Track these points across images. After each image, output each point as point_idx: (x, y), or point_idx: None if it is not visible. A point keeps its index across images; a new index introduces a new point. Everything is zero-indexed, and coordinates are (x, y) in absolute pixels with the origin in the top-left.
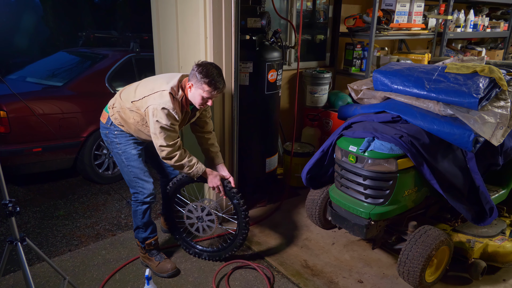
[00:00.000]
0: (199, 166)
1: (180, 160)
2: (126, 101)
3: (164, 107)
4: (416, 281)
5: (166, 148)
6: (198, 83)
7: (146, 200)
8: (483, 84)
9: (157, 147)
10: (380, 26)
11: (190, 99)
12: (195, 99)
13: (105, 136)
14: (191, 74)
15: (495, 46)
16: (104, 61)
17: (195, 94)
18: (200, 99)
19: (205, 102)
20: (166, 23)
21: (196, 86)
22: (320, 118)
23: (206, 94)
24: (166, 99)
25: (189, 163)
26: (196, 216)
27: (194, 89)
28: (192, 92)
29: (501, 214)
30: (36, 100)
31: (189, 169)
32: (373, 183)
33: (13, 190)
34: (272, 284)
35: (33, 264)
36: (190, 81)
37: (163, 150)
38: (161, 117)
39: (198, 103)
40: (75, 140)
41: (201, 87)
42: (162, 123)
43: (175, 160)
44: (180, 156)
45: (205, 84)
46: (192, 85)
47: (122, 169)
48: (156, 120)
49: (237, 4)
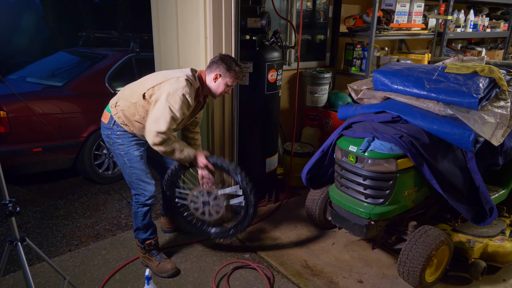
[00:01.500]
0: (190, 150)
1: (171, 144)
2: (132, 96)
3: (182, 92)
4: (416, 281)
5: (163, 135)
6: (227, 72)
7: (147, 202)
8: (483, 84)
9: (153, 132)
10: (380, 26)
11: (212, 88)
12: (218, 88)
13: (106, 137)
14: (215, 65)
15: (495, 46)
16: (104, 61)
17: (221, 83)
18: (224, 87)
19: (225, 91)
20: (166, 23)
21: (225, 75)
22: (320, 118)
23: (232, 82)
24: (183, 84)
25: (180, 148)
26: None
27: (221, 79)
28: (217, 82)
29: (501, 214)
30: (36, 100)
31: (180, 154)
32: (373, 183)
33: (13, 190)
34: (272, 284)
35: (33, 264)
36: (215, 72)
37: (158, 136)
38: (175, 102)
39: (220, 92)
40: (75, 140)
41: (230, 75)
42: (174, 108)
43: (168, 146)
44: (172, 141)
45: (235, 72)
46: (220, 75)
47: (124, 171)
48: (169, 105)
49: (237, 4)
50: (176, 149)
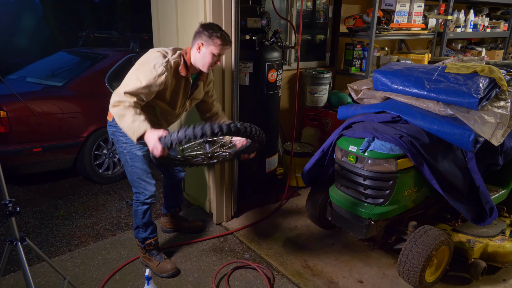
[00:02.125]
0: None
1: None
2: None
3: (152, 62)
4: (416, 281)
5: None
6: (209, 39)
7: (147, 201)
8: (483, 84)
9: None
10: (380, 26)
11: (198, 61)
12: (205, 59)
13: (111, 135)
14: (197, 35)
15: (495, 46)
16: (104, 61)
17: (205, 53)
18: (210, 57)
19: (215, 61)
20: (166, 23)
21: (207, 43)
22: (320, 118)
23: (217, 50)
24: (156, 54)
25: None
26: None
27: (204, 48)
28: (202, 52)
29: (501, 214)
30: (36, 100)
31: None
32: (373, 183)
33: (13, 190)
34: (272, 284)
35: (33, 264)
36: (198, 41)
37: (115, 96)
38: (143, 69)
39: (208, 63)
40: (75, 140)
41: (213, 42)
42: (140, 73)
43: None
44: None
45: (217, 38)
46: (202, 44)
47: (126, 169)
48: (135, 69)
49: (237, 4)
50: (127, 114)
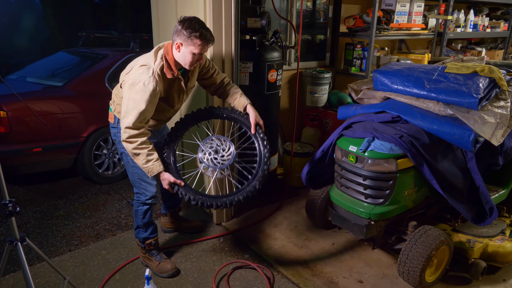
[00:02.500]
0: (156, 164)
1: (140, 148)
2: (119, 90)
3: (138, 80)
4: (416, 281)
5: (130, 130)
6: (188, 39)
7: (147, 201)
8: (483, 84)
9: (122, 128)
10: (380, 26)
11: (179, 60)
12: (185, 59)
13: (114, 136)
14: (176, 33)
15: (495, 46)
16: (104, 61)
17: (185, 52)
18: (190, 57)
19: (195, 60)
20: (166, 23)
21: (186, 43)
22: (320, 118)
23: (197, 50)
24: (139, 71)
25: (147, 156)
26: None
27: (184, 48)
28: (181, 52)
29: (501, 214)
30: (36, 100)
31: (145, 162)
32: (373, 183)
33: (13, 190)
34: (272, 284)
35: (33, 264)
36: (176, 41)
37: (125, 132)
38: (135, 92)
39: (189, 62)
40: (75, 140)
41: (192, 42)
42: (135, 98)
43: (134, 147)
44: (142, 143)
45: (197, 38)
46: (181, 44)
47: (128, 169)
48: (129, 96)
49: (237, 4)
50: (140, 154)
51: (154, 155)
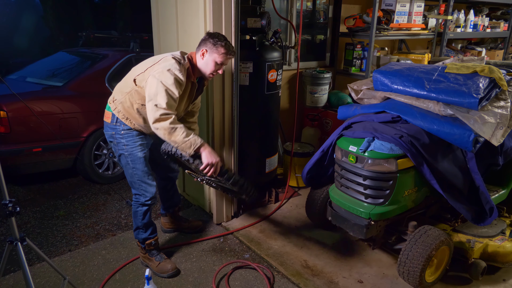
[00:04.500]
0: (196, 137)
1: (175, 123)
2: (125, 86)
3: (170, 68)
4: (416, 281)
5: (163, 109)
6: (213, 47)
7: (147, 202)
8: (483, 84)
9: (152, 107)
10: (380, 26)
11: (201, 67)
12: (207, 66)
13: (110, 137)
14: (203, 41)
15: (495, 46)
16: (104, 61)
17: (209, 60)
18: (213, 65)
19: (217, 69)
20: (166, 23)
21: (211, 50)
22: (320, 118)
23: (220, 58)
24: (172, 61)
25: (185, 129)
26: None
27: (208, 55)
28: (205, 59)
29: (501, 214)
30: (36, 100)
31: (185, 136)
32: (373, 183)
33: (13, 190)
34: (272, 284)
35: (33, 264)
36: (202, 48)
37: (158, 110)
38: (166, 77)
39: (210, 71)
40: (75, 140)
41: (217, 50)
42: (167, 83)
43: (170, 121)
44: (175, 120)
45: (222, 47)
46: (206, 51)
47: (127, 171)
48: (161, 80)
49: (237, 4)
50: (178, 128)
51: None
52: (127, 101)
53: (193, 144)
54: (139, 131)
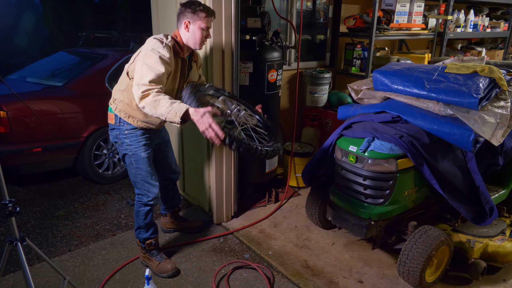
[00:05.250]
0: (181, 104)
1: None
2: (121, 84)
3: (152, 48)
4: (416, 281)
5: (145, 86)
6: (194, 15)
7: (149, 203)
8: (483, 84)
9: (135, 87)
10: (380, 26)
11: (188, 40)
12: (195, 36)
13: (115, 138)
14: (181, 14)
15: (495, 46)
16: (104, 61)
17: (194, 30)
18: (200, 33)
19: (205, 36)
20: (166, 23)
21: (193, 19)
22: (320, 118)
23: (204, 23)
24: (153, 41)
25: (170, 99)
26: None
27: (192, 25)
28: (190, 30)
29: (501, 214)
30: (36, 100)
31: (169, 105)
32: (373, 183)
33: (13, 190)
34: (272, 284)
35: (33, 264)
36: (183, 20)
37: (140, 88)
38: (149, 57)
39: (199, 39)
40: (75, 140)
41: (198, 16)
42: (150, 62)
43: (153, 95)
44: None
45: (201, 11)
46: (189, 22)
47: (130, 171)
48: (144, 62)
49: (237, 4)
50: (162, 99)
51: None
52: (125, 98)
53: (177, 112)
54: (143, 129)
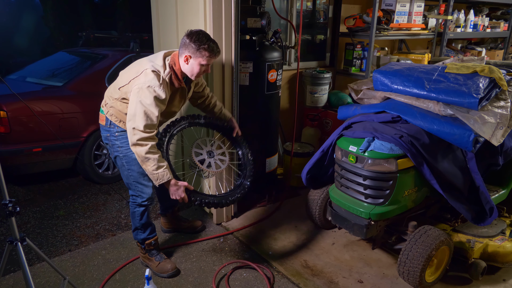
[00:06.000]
0: (166, 172)
1: (151, 152)
2: (114, 91)
3: (149, 85)
4: (416, 281)
5: (141, 132)
6: (197, 52)
7: (143, 203)
8: (483, 84)
9: (130, 130)
10: (380, 26)
11: (186, 71)
12: (193, 70)
13: (106, 139)
14: (184, 45)
15: (495, 46)
16: (104, 61)
17: (194, 64)
18: (198, 68)
19: (203, 71)
20: (166, 23)
21: (195, 55)
22: (320, 118)
23: (205, 61)
24: (150, 77)
25: (158, 162)
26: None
27: (192, 60)
28: (190, 64)
29: (501, 214)
30: (36, 100)
31: (156, 168)
32: (373, 183)
33: (13, 190)
34: (272, 284)
35: (33, 264)
36: (184, 53)
37: (136, 134)
38: (145, 96)
39: (196, 73)
40: (75, 140)
41: (201, 54)
42: (145, 103)
43: (146, 151)
44: (153, 148)
45: (205, 50)
46: (190, 57)
47: (122, 172)
48: (139, 100)
49: (237, 4)
50: (151, 160)
51: (164, 162)
52: (117, 106)
53: (159, 179)
54: None
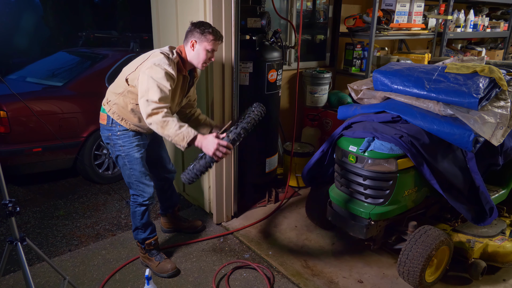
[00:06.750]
0: (190, 129)
1: (167, 116)
2: (118, 87)
3: (159, 63)
4: (416, 281)
5: (155, 103)
6: (202, 36)
7: (144, 203)
8: (483, 84)
9: (144, 102)
10: (380, 26)
11: (193, 58)
12: (199, 56)
13: (107, 139)
14: (190, 33)
15: (495, 46)
16: (104, 61)
17: (199, 50)
18: (204, 54)
19: (209, 57)
20: (166, 23)
21: (200, 40)
22: (320, 118)
23: (210, 46)
24: (160, 57)
25: (178, 122)
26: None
27: (198, 45)
28: (196, 50)
29: (501, 214)
30: (36, 100)
31: (178, 129)
32: (373, 183)
33: (13, 190)
34: (272, 284)
35: (33, 264)
36: (190, 39)
37: (150, 105)
38: (156, 72)
39: (202, 60)
40: (75, 140)
41: (206, 38)
42: (157, 77)
43: (162, 115)
44: (168, 113)
45: (210, 34)
46: (196, 42)
47: (124, 172)
48: (151, 76)
49: (237, 4)
50: (170, 121)
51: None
52: (121, 102)
53: (185, 137)
54: (135, 131)
